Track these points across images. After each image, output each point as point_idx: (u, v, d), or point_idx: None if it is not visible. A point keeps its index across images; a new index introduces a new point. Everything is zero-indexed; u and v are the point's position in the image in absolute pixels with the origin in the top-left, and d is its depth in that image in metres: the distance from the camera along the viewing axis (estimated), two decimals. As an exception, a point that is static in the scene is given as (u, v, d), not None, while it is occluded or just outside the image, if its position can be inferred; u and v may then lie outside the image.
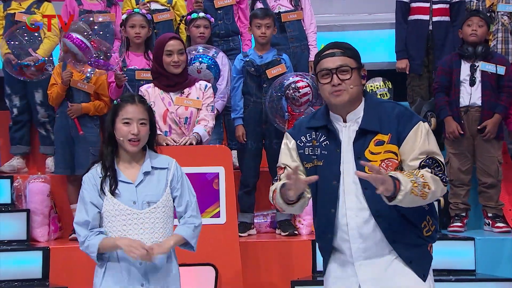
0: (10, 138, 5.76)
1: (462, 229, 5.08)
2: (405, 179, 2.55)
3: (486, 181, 5.12)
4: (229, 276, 4.31)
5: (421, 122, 2.72)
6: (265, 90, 5.01)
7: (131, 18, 5.15)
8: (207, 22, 5.28)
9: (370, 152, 2.69)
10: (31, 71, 5.17)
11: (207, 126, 4.52)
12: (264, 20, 5.01)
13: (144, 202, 3.02)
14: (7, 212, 4.91)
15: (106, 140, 3.08)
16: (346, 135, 2.76)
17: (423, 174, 2.62)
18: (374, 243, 2.71)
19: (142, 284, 3.00)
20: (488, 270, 4.70)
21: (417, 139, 2.69)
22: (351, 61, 2.74)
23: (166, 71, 4.50)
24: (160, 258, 3.04)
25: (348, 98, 2.73)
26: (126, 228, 3.00)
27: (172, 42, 4.49)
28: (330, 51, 2.75)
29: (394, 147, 2.69)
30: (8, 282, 4.43)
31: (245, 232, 4.90)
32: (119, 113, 3.04)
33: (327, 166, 2.75)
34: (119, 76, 4.90)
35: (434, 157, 2.69)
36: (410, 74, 5.95)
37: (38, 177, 5.04)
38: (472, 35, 5.10)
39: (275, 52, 5.13)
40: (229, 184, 4.44)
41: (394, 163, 2.68)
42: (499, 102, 5.11)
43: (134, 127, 3.01)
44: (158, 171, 3.08)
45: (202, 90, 4.58)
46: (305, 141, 2.83)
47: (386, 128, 2.70)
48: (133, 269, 3.00)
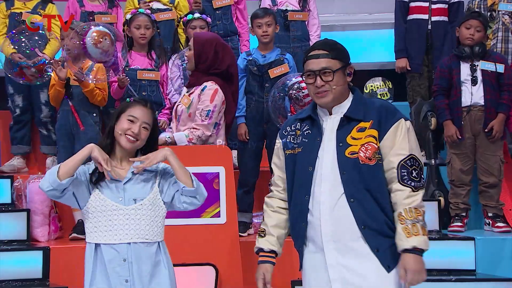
0: (11, 137, 5.76)
1: (462, 229, 5.08)
2: (413, 240, 2.70)
3: (487, 181, 5.12)
4: (229, 276, 4.31)
5: (402, 119, 2.80)
6: (267, 90, 5.01)
7: (137, 19, 5.15)
8: (204, 23, 5.27)
9: (352, 137, 2.79)
10: (31, 72, 5.17)
11: (192, 133, 4.42)
12: (264, 18, 5.02)
13: (130, 199, 3.01)
14: (7, 212, 4.90)
15: (106, 133, 3.08)
16: (330, 125, 2.85)
17: (403, 216, 2.73)
18: (345, 227, 2.76)
19: (127, 280, 2.97)
20: (489, 270, 4.70)
21: (397, 135, 2.77)
22: (335, 62, 2.82)
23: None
24: (147, 257, 3.01)
25: (332, 98, 2.84)
26: (111, 223, 2.98)
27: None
28: (315, 52, 2.85)
29: (374, 131, 2.77)
30: (8, 282, 4.43)
31: (245, 231, 4.90)
32: (127, 110, 3.05)
33: (305, 153, 2.85)
34: (123, 79, 4.90)
35: (415, 156, 2.78)
36: (409, 74, 5.95)
37: (38, 177, 5.03)
38: (468, 39, 5.10)
39: (278, 52, 5.13)
40: (229, 184, 4.44)
41: (373, 147, 2.76)
42: (502, 101, 5.11)
43: (136, 127, 3.01)
44: (147, 172, 3.06)
45: (198, 91, 4.51)
46: (289, 130, 2.94)
47: (369, 116, 2.80)
48: (118, 267, 2.98)
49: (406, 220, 2.71)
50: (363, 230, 2.75)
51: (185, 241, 4.23)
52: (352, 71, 2.87)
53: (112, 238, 2.98)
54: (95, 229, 3.00)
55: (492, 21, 5.74)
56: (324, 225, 2.78)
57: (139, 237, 3.00)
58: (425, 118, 5.49)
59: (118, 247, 2.98)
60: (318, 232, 2.80)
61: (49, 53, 5.28)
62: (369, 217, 2.75)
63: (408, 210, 2.72)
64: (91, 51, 4.68)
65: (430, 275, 4.54)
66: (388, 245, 2.77)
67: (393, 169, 2.76)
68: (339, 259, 2.78)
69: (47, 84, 5.31)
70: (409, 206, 2.72)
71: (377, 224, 2.75)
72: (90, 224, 3.02)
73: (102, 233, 2.99)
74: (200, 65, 4.53)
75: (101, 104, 5.09)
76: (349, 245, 2.76)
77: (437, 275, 4.56)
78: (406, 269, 2.71)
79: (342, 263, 2.77)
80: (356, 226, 2.75)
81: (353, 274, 2.76)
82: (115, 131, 3.05)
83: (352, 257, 2.77)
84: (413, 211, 2.72)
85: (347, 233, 2.76)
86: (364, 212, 2.75)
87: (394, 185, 2.76)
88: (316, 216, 2.80)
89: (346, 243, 2.77)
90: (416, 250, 2.70)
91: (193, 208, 3.08)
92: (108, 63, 4.79)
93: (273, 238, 2.97)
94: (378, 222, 2.75)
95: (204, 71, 4.54)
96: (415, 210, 2.72)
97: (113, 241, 2.98)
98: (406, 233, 2.70)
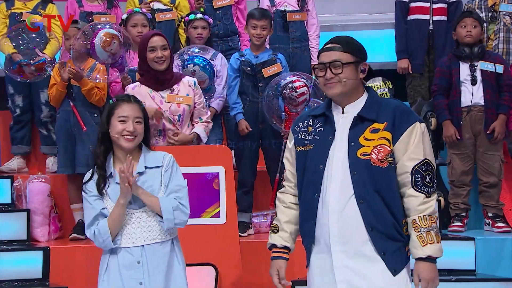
0: (11, 138, 5.76)
1: (462, 229, 5.08)
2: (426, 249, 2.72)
3: (487, 181, 5.11)
4: (229, 276, 4.31)
5: (417, 122, 2.78)
6: (261, 90, 5.02)
7: (132, 18, 5.15)
8: (205, 23, 5.28)
9: (365, 138, 2.76)
10: (30, 70, 5.16)
11: (207, 127, 4.57)
12: (260, 21, 5.01)
13: (140, 202, 3.04)
14: (8, 212, 4.91)
15: (100, 139, 3.09)
16: (342, 124, 2.82)
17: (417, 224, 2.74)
18: (352, 228, 2.74)
19: (141, 282, 3.01)
20: (488, 270, 4.70)
21: (411, 138, 2.75)
22: (347, 56, 2.80)
23: (152, 68, 4.49)
24: (160, 257, 3.05)
25: (341, 90, 2.81)
26: (125, 227, 3.03)
27: (155, 39, 4.50)
28: (329, 45, 2.84)
29: (388, 134, 2.75)
30: (8, 282, 4.43)
31: (245, 232, 4.90)
32: (114, 112, 3.06)
33: (316, 151, 2.83)
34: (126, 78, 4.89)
35: (429, 161, 2.77)
36: (410, 74, 5.95)
37: (38, 177, 5.04)
38: (467, 36, 5.10)
39: (270, 52, 5.14)
40: (229, 184, 4.45)
41: (386, 149, 2.74)
42: (502, 102, 5.11)
43: (130, 124, 3.03)
44: (152, 170, 3.08)
45: (192, 87, 4.57)
46: (301, 126, 2.92)
47: (383, 118, 2.78)
48: (132, 270, 3.01)
49: (421, 228, 2.71)
50: (371, 233, 2.73)
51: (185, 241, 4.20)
52: (366, 68, 2.85)
53: (126, 242, 3.03)
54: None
55: (494, 21, 5.74)
56: (332, 226, 2.76)
57: (151, 238, 3.04)
58: (425, 118, 5.48)
59: (132, 250, 3.03)
60: (325, 232, 2.78)
61: (49, 53, 5.29)
62: (378, 220, 2.73)
63: (422, 217, 2.72)
64: (99, 53, 4.68)
65: (430, 275, 4.55)
66: (394, 249, 2.76)
67: (407, 174, 2.74)
68: (345, 261, 2.76)
69: (47, 84, 5.30)
70: (423, 213, 2.72)
71: (385, 227, 2.74)
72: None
73: (116, 237, 3.02)
74: (171, 63, 4.58)
75: (99, 104, 5.09)
76: (356, 247, 2.75)
77: (437, 275, 4.56)
78: (420, 278, 2.72)
79: (348, 265, 2.76)
80: (364, 228, 2.74)
81: (359, 276, 2.75)
82: (111, 136, 3.05)
83: (359, 259, 2.75)
84: (427, 219, 2.72)
85: (354, 235, 2.74)
86: (372, 214, 2.73)
87: (408, 190, 2.75)
88: (325, 216, 2.78)
89: (353, 245, 2.75)
90: (430, 258, 2.72)
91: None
92: (114, 64, 4.79)
93: (286, 234, 2.97)
94: (386, 225, 2.74)
95: (172, 69, 4.62)
96: (429, 218, 2.72)
97: (128, 245, 3.03)
98: (421, 241, 2.71)
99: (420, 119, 2.80)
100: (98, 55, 4.70)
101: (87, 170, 3.17)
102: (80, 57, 4.79)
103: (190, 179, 4.29)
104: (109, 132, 3.06)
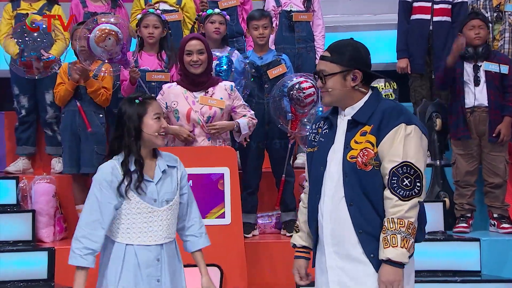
0: (16, 139, 5.77)
1: (467, 230, 5.07)
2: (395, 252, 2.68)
3: (493, 181, 5.11)
4: (234, 277, 4.31)
5: (403, 124, 2.75)
6: (267, 91, 5.02)
7: (145, 18, 5.15)
8: (223, 19, 5.27)
9: (355, 141, 2.80)
10: (39, 65, 5.13)
11: (251, 121, 4.65)
12: (261, 21, 5.02)
13: (163, 200, 3.07)
14: (13, 213, 4.92)
15: (132, 135, 3.03)
16: (341, 127, 2.87)
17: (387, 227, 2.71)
18: (343, 230, 2.77)
19: (158, 280, 3.05)
20: (494, 271, 4.69)
21: (394, 140, 2.74)
22: (332, 66, 2.83)
23: (188, 71, 4.57)
24: (172, 255, 3.12)
25: (329, 100, 2.87)
26: (146, 225, 3.03)
27: (192, 42, 4.56)
28: (324, 53, 2.91)
29: (372, 137, 2.77)
30: (13, 282, 4.45)
31: (250, 232, 4.90)
32: (148, 109, 3.06)
33: (320, 153, 2.89)
34: (134, 73, 4.88)
35: (409, 163, 2.72)
36: (412, 75, 5.94)
37: (43, 178, 5.05)
38: (476, 39, 5.09)
39: (274, 53, 5.15)
40: (234, 185, 4.45)
41: (369, 153, 2.76)
42: (507, 103, 5.09)
43: (163, 121, 3.11)
44: (170, 169, 3.13)
45: (228, 91, 4.62)
46: (313, 128, 3.00)
47: (371, 121, 2.79)
48: (150, 267, 3.04)
49: (387, 230, 2.69)
50: (360, 235, 2.75)
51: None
52: (358, 76, 2.83)
53: (147, 239, 3.04)
54: (128, 230, 3.03)
55: (499, 22, 5.73)
56: (326, 227, 2.81)
57: (168, 236, 3.09)
58: (430, 119, 5.49)
59: (152, 248, 3.05)
60: (322, 232, 2.84)
61: (56, 54, 5.29)
62: (366, 222, 2.75)
63: (390, 220, 2.69)
64: (93, 48, 4.68)
65: (435, 276, 4.56)
66: None
67: (386, 176, 2.74)
68: (337, 262, 2.80)
69: (52, 85, 5.32)
70: (392, 216, 2.69)
71: (373, 229, 2.74)
72: (122, 225, 3.03)
73: (136, 235, 3.03)
74: (209, 66, 4.64)
75: (104, 104, 5.10)
76: (346, 248, 2.78)
77: (442, 276, 4.56)
78: (379, 280, 2.71)
79: (340, 266, 2.79)
80: (354, 230, 2.76)
81: (350, 278, 2.77)
82: (145, 134, 3.03)
83: (349, 261, 2.78)
84: (395, 222, 2.68)
85: (345, 237, 2.78)
86: (361, 217, 2.75)
87: (385, 191, 2.74)
88: (321, 217, 2.83)
89: (344, 246, 2.78)
90: (391, 262, 2.68)
91: None
92: (113, 59, 4.79)
93: (304, 234, 3.02)
94: (375, 227, 2.74)
95: (209, 72, 4.67)
96: (399, 221, 2.68)
97: (148, 242, 3.04)
98: (384, 243, 2.69)
99: (408, 121, 2.75)
100: (93, 50, 4.70)
101: (91, 170, 3.17)
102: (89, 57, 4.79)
103: (195, 179, 4.33)
104: (141, 130, 3.04)
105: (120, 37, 4.66)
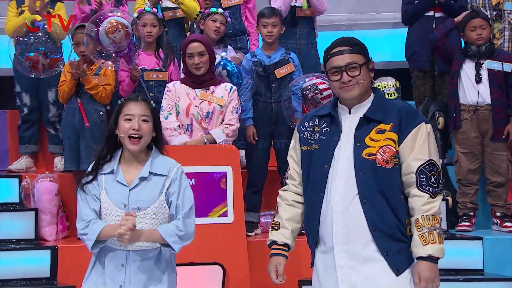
0: (19, 137, 5.77)
1: (470, 229, 5.06)
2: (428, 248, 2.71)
3: (495, 180, 5.10)
4: (236, 275, 4.32)
5: (423, 123, 2.81)
6: (274, 90, 5.02)
7: (143, 17, 5.15)
8: (224, 19, 5.28)
9: (371, 138, 2.79)
10: (45, 61, 5.11)
11: (227, 128, 4.64)
12: (271, 19, 5.02)
13: (135, 207, 2.97)
14: (16, 211, 4.92)
15: (106, 140, 3.06)
16: (348, 124, 2.85)
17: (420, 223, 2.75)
18: (356, 229, 2.76)
19: (121, 286, 2.97)
20: (496, 269, 4.69)
21: (417, 139, 2.78)
22: (359, 57, 2.84)
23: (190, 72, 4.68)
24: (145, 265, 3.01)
25: (359, 92, 2.84)
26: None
27: (193, 45, 4.64)
28: (338, 49, 2.84)
29: (394, 135, 2.77)
30: (16, 281, 4.45)
31: (252, 231, 4.90)
32: (121, 111, 3.04)
33: (322, 151, 2.85)
34: (135, 71, 4.89)
35: (434, 161, 2.79)
36: (414, 73, 5.93)
37: (46, 176, 5.05)
38: (479, 39, 5.09)
39: (283, 51, 5.13)
40: (236, 184, 4.45)
41: (391, 150, 2.76)
42: (510, 102, 5.09)
43: (135, 123, 2.98)
44: (156, 177, 3.02)
45: (228, 91, 4.71)
46: (307, 126, 2.95)
47: (389, 119, 2.80)
48: (113, 271, 2.99)
49: (423, 227, 2.72)
50: (374, 233, 2.75)
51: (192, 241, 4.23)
52: (373, 66, 2.89)
53: (114, 242, 2.98)
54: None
55: (499, 20, 5.71)
56: (336, 226, 2.78)
57: (138, 244, 2.98)
58: (433, 117, 5.48)
59: (118, 253, 2.99)
60: (329, 231, 2.80)
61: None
62: (381, 220, 2.74)
63: (425, 217, 2.73)
64: (102, 38, 4.70)
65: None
66: (398, 249, 2.77)
67: (411, 174, 2.76)
68: (347, 261, 2.78)
69: (54, 83, 5.32)
70: (426, 213, 2.73)
71: (388, 227, 2.75)
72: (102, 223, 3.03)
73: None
74: (211, 65, 4.72)
75: (104, 102, 5.10)
76: (359, 247, 2.76)
77: (444, 274, 4.54)
78: (420, 277, 2.72)
79: (351, 265, 2.77)
80: (367, 228, 2.75)
81: (361, 276, 2.76)
82: (119, 136, 3.03)
83: (361, 259, 2.76)
84: (430, 219, 2.73)
85: (357, 235, 2.76)
86: (376, 215, 2.74)
87: (413, 190, 2.76)
88: (329, 216, 2.80)
89: (356, 245, 2.76)
90: (431, 258, 2.71)
91: None
92: (119, 53, 4.80)
93: (287, 231, 2.98)
94: (390, 225, 2.75)
95: (212, 71, 4.76)
96: (433, 218, 2.73)
97: (114, 245, 3.00)
98: (423, 240, 2.71)
99: (426, 120, 2.82)
100: (101, 40, 4.71)
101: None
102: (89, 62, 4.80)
103: (197, 178, 4.34)
104: (116, 132, 3.04)
105: (129, 31, 4.68)
